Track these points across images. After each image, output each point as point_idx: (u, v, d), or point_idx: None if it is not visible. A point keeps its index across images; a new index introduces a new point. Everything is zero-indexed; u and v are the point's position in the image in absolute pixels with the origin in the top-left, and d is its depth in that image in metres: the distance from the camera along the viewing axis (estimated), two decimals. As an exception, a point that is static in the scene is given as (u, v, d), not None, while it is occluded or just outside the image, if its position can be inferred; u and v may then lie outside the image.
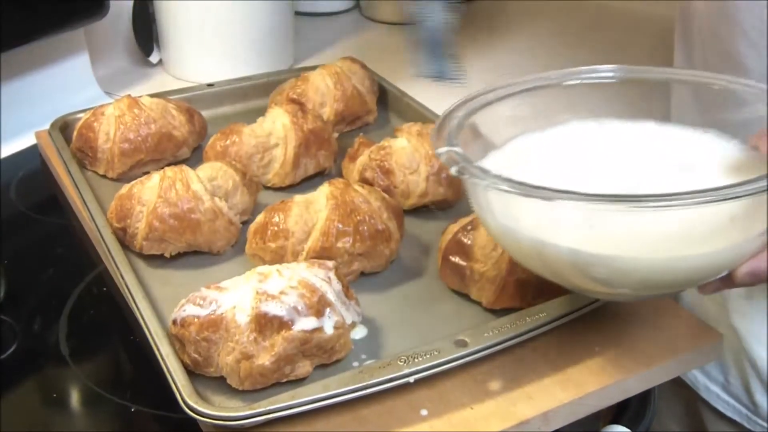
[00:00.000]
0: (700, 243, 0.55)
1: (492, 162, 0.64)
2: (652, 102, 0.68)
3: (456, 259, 0.72)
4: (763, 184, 0.51)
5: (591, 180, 0.63)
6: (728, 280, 0.57)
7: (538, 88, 0.68)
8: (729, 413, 0.87)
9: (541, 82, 0.68)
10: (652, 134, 0.67)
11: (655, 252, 0.55)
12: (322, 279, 0.66)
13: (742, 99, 0.64)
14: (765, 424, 0.84)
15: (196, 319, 0.63)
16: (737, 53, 0.72)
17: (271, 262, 0.71)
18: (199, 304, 0.63)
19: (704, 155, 0.64)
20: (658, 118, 0.68)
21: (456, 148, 0.58)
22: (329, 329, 0.63)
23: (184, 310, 0.64)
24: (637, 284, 0.58)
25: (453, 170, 0.56)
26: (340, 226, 0.73)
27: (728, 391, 0.87)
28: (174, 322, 0.64)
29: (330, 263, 0.68)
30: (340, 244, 0.72)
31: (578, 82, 0.68)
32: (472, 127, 0.65)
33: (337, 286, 0.66)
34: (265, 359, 0.62)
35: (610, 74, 0.68)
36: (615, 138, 0.67)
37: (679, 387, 0.90)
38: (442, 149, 0.59)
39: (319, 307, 0.63)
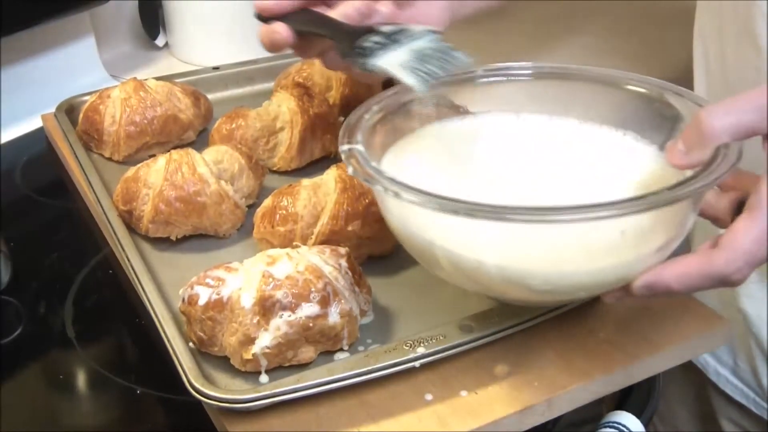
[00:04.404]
0: (593, 257, 0.54)
1: (396, 151, 0.63)
2: (574, 100, 0.67)
3: (461, 244, 0.72)
4: (651, 200, 0.50)
5: (495, 174, 0.63)
6: (627, 291, 0.56)
7: (457, 83, 0.67)
8: (737, 397, 0.87)
9: (461, 77, 0.67)
10: (572, 132, 0.66)
11: (551, 264, 0.54)
12: (332, 266, 0.65)
13: (666, 104, 0.63)
14: None
15: (202, 298, 0.63)
16: (755, 33, 0.71)
17: (280, 246, 0.71)
18: (207, 284, 0.63)
19: (618, 158, 0.63)
20: (581, 117, 0.66)
21: (358, 146, 0.57)
22: (334, 317, 0.63)
23: (192, 288, 0.64)
24: (530, 293, 0.58)
25: (349, 170, 0.55)
26: (350, 209, 0.72)
27: (737, 375, 0.86)
28: (183, 299, 0.64)
29: (343, 250, 0.68)
30: (349, 228, 0.72)
31: (502, 78, 0.68)
32: (390, 124, 0.63)
33: (348, 273, 0.66)
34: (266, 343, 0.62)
35: (527, 71, 0.67)
36: (532, 132, 0.66)
37: (689, 371, 0.90)
38: (345, 146, 0.57)
39: (324, 294, 0.63)
